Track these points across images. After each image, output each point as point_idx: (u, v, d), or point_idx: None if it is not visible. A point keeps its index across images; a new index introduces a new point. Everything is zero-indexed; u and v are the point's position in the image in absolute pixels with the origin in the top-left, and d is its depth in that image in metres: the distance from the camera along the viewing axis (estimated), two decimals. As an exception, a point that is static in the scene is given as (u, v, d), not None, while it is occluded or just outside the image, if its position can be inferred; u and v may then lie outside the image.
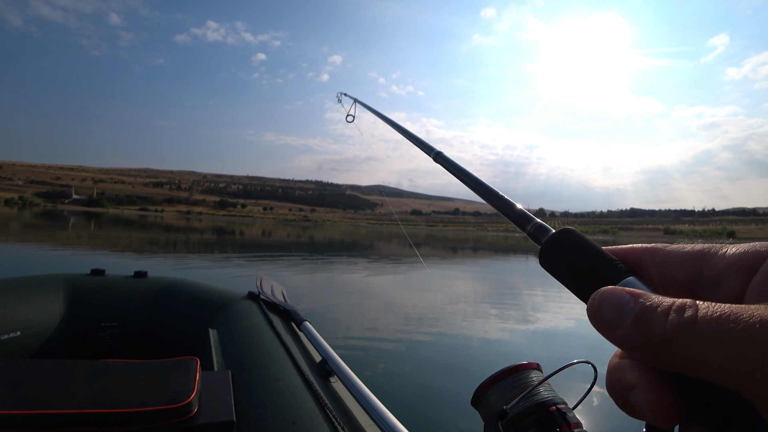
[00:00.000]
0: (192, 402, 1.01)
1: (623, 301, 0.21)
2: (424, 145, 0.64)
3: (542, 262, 0.29)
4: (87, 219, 40.84)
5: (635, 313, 0.21)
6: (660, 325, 0.20)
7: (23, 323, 1.68)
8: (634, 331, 0.20)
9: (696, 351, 0.18)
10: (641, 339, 0.20)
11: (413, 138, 0.69)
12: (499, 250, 26.35)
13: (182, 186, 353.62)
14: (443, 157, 0.57)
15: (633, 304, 0.21)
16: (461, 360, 3.90)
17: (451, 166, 0.52)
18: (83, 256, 10.20)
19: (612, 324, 0.21)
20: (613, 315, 0.21)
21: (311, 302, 5.94)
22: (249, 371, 1.25)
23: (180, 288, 2.03)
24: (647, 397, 0.20)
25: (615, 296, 0.22)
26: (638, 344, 0.20)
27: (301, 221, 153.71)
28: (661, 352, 0.19)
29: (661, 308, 0.20)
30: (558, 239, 0.29)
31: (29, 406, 0.92)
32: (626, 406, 0.22)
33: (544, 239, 0.30)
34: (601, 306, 0.22)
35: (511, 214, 0.37)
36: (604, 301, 0.22)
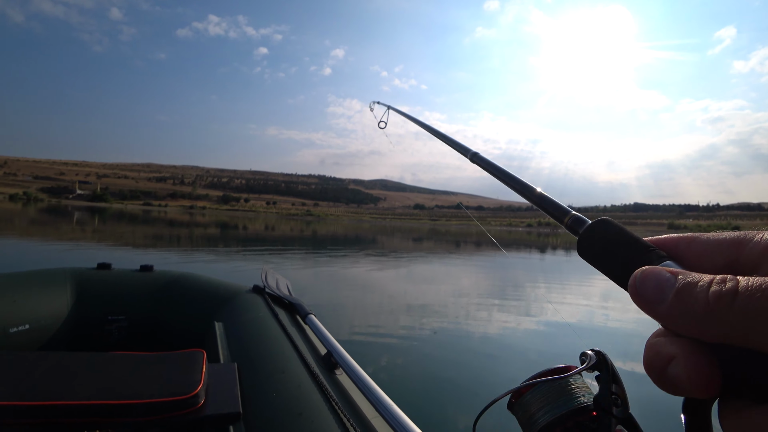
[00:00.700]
0: (199, 394, 1.02)
1: (664, 277, 0.23)
2: (460, 146, 0.65)
3: (580, 252, 0.31)
4: (91, 214, 41.05)
5: (677, 287, 0.22)
6: (702, 296, 0.20)
7: (32, 316, 1.69)
8: (677, 305, 0.21)
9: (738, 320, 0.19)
10: (684, 311, 0.21)
11: (449, 140, 0.71)
12: (502, 245, 26.32)
13: (185, 181, 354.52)
14: (480, 157, 0.58)
15: (674, 280, 0.22)
16: (465, 352, 3.91)
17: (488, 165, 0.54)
18: (89, 251, 10.26)
19: (654, 299, 0.22)
20: (655, 291, 0.22)
21: (316, 296, 5.96)
22: (255, 364, 1.26)
23: (186, 281, 2.05)
24: (687, 367, 0.21)
25: (656, 273, 0.23)
26: (681, 317, 0.21)
27: (304, 216, 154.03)
28: (703, 323, 0.20)
29: (703, 282, 0.21)
30: (595, 229, 0.30)
31: (38, 398, 0.93)
32: (665, 380, 0.22)
33: (582, 230, 0.32)
34: (643, 283, 0.23)
35: (549, 208, 0.39)
36: (645, 279, 0.23)
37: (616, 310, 6.37)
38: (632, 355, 4.10)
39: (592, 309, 6.33)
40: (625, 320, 5.72)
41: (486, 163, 0.55)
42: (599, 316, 5.89)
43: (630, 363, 3.83)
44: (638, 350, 4.47)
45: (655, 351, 0.23)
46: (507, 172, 0.49)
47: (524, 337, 4.59)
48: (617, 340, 4.73)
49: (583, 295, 7.62)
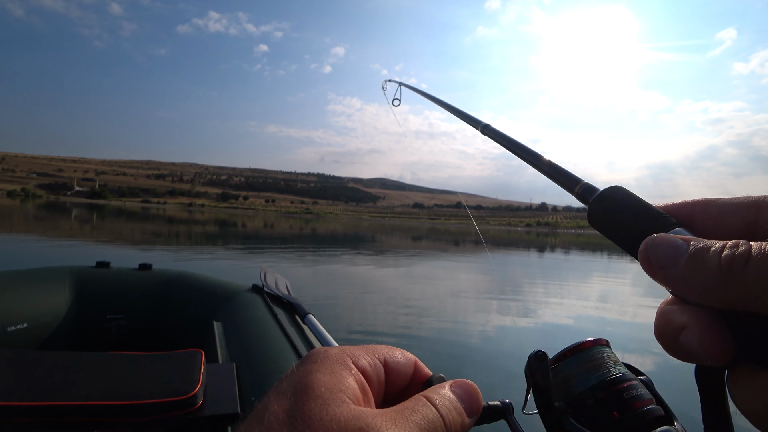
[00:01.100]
0: (197, 394, 1.02)
1: (676, 244, 0.22)
2: (472, 119, 0.66)
3: (591, 221, 0.30)
4: (90, 211, 40.98)
5: (689, 253, 0.21)
6: (714, 261, 0.20)
7: (30, 315, 1.69)
8: (689, 270, 0.21)
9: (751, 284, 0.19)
10: (696, 276, 0.21)
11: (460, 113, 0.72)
12: (501, 244, 26.34)
13: (184, 178, 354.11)
14: (491, 129, 0.58)
15: (686, 246, 0.22)
16: (464, 352, 3.92)
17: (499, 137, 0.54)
18: (88, 248, 10.24)
19: (665, 265, 0.22)
20: (666, 257, 0.22)
21: (315, 295, 5.96)
22: (253, 363, 1.26)
23: (185, 280, 2.04)
24: (698, 334, 0.21)
25: (667, 240, 0.23)
26: (693, 282, 0.21)
27: (303, 214, 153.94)
28: (716, 289, 0.20)
29: (715, 247, 0.21)
30: (606, 197, 0.30)
31: (36, 398, 0.93)
32: (676, 348, 0.22)
33: (592, 198, 0.31)
34: (654, 249, 0.23)
35: (559, 177, 0.38)
36: (656, 246, 0.23)
37: (614, 308, 6.39)
38: (631, 349, 4.11)
39: (590, 306, 6.34)
40: (623, 318, 5.74)
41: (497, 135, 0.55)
42: (597, 312, 5.90)
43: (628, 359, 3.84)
44: (637, 347, 4.46)
45: (667, 319, 0.23)
46: (518, 143, 0.49)
47: (521, 336, 4.60)
48: (616, 339, 4.74)
49: (581, 294, 7.63)
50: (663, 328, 0.23)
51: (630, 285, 9.74)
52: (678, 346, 0.22)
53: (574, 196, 0.35)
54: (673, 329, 0.22)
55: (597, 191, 0.31)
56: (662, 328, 0.23)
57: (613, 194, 0.29)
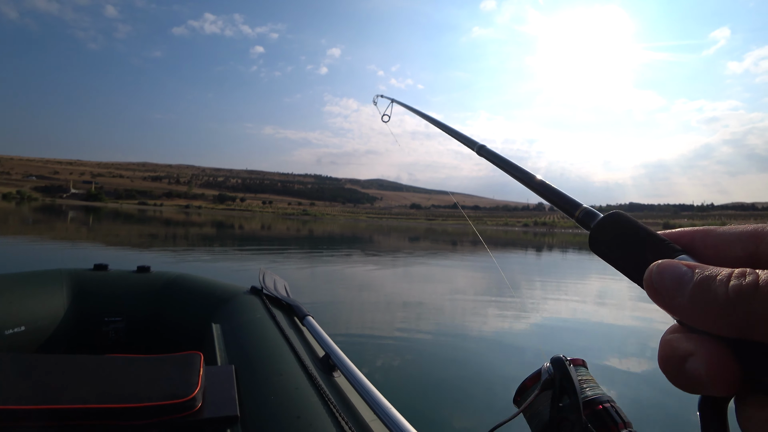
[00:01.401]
0: (196, 397, 1.02)
1: (681, 271, 0.22)
2: (467, 139, 0.65)
3: (592, 246, 0.30)
4: (86, 213, 40.81)
5: (696, 280, 0.21)
6: (722, 290, 0.20)
7: (28, 318, 1.68)
8: (695, 298, 0.21)
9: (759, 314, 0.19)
10: (703, 305, 0.20)
11: (455, 133, 0.70)
12: (498, 244, 26.37)
13: (181, 180, 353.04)
14: (487, 150, 0.57)
15: (692, 273, 0.21)
16: (463, 354, 3.92)
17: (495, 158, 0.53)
18: (85, 251, 10.20)
19: (671, 293, 0.22)
20: (672, 284, 0.22)
21: (314, 297, 5.95)
22: (252, 366, 1.26)
23: (183, 283, 2.04)
24: (705, 362, 0.20)
25: (673, 267, 0.22)
26: (699, 311, 0.20)
27: (301, 215, 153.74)
28: (723, 317, 0.20)
29: (722, 275, 0.20)
30: (607, 223, 0.29)
31: (34, 401, 0.93)
32: (682, 377, 0.21)
33: (593, 224, 0.30)
34: (659, 276, 0.22)
35: (559, 202, 0.38)
36: (662, 273, 0.22)
37: (611, 309, 6.41)
38: (627, 353, 4.12)
39: (588, 308, 6.36)
40: (620, 319, 5.76)
41: (494, 156, 0.54)
42: (595, 314, 5.92)
43: (625, 361, 3.85)
44: (633, 350, 4.47)
45: (672, 347, 0.22)
46: (516, 166, 0.48)
47: (520, 337, 4.61)
48: (614, 339, 4.76)
49: (579, 294, 7.65)
50: (668, 357, 0.22)
51: (627, 284, 9.77)
52: (683, 375, 0.21)
53: (575, 221, 0.34)
54: (678, 357, 0.21)
55: (598, 216, 0.31)
56: (667, 357, 0.22)
57: (614, 220, 0.29)
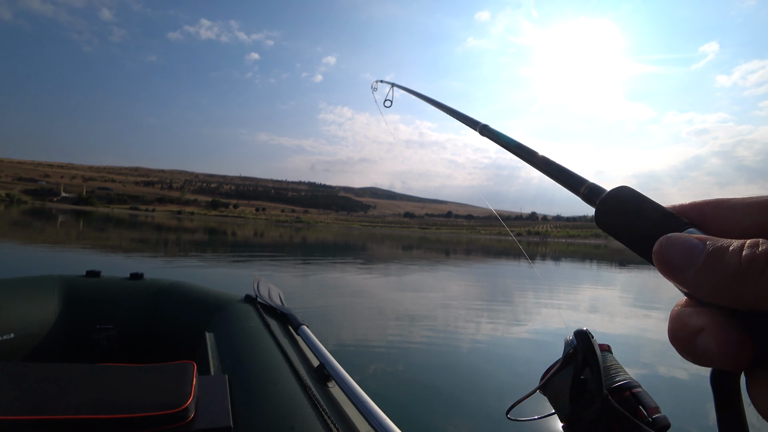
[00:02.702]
0: (188, 407, 1.01)
1: (692, 243, 0.21)
2: (469, 119, 0.64)
3: (598, 222, 0.29)
4: (77, 217, 40.35)
5: (707, 252, 0.21)
6: (734, 261, 0.19)
7: (17, 325, 1.65)
8: (707, 270, 0.20)
9: None
10: (714, 277, 0.20)
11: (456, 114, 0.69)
12: (492, 253, 26.45)
13: (174, 185, 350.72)
14: (489, 129, 0.57)
15: (702, 245, 0.21)
16: (456, 362, 3.91)
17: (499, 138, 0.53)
18: (77, 257, 10.06)
19: (682, 265, 0.21)
20: (683, 256, 0.21)
21: (308, 305, 5.92)
22: (246, 375, 1.25)
23: (176, 290, 2.02)
24: (716, 337, 0.20)
25: (682, 239, 0.22)
26: (710, 283, 0.20)
27: (294, 222, 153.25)
28: (735, 289, 0.19)
29: (734, 246, 0.20)
30: (613, 198, 0.29)
31: (23, 411, 0.91)
32: (692, 351, 0.21)
33: (599, 200, 0.30)
34: (669, 249, 0.22)
35: (563, 178, 0.37)
36: (671, 245, 0.22)
37: (605, 317, 6.43)
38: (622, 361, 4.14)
39: (580, 315, 6.38)
40: (615, 328, 5.78)
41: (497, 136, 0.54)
42: (588, 322, 5.93)
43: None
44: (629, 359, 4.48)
45: (682, 322, 0.22)
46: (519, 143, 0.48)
47: (513, 345, 4.61)
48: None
49: (572, 302, 7.68)
50: (678, 331, 0.22)
51: (620, 292, 9.83)
52: (694, 350, 0.21)
53: (580, 197, 0.34)
54: (689, 332, 0.21)
55: (603, 192, 0.30)
56: (677, 331, 0.22)
57: (620, 194, 0.28)
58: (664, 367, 4.09)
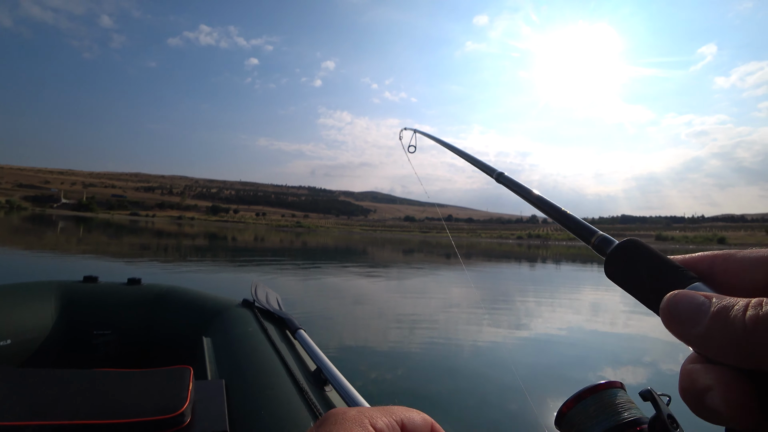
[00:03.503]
0: (185, 412, 1.01)
1: (698, 301, 0.22)
2: (487, 167, 0.67)
3: (608, 273, 0.30)
4: (77, 224, 40.36)
5: (713, 311, 0.21)
6: (739, 320, 0.19)
7: (14, 331, 1.65)
8: (713, 329, 0.20)
9: None
10: (720, 336, 0.20)
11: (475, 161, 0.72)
12: (493, 257, 26.43)
13: (174, 191, 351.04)
14: (506, 177, 0.59)
15: (708, 303, 0.21)
16: (456, 366, 3.90)
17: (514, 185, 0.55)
18: (75, 262, 10.06)
19: (688, 324, 0.21)
20: (690, 315, 0.22)
21: (306, 309, 5.91)
22: (243, 380, 1.24)
23: (174, 295, 2.02)
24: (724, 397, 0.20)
25: (689, 297, 0.22)
26: (717, 341, 0.20)
27: (294, 227, 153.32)
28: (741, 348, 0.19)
29: (738, 305, 0.20)
30: (623, 250, 0.30)
31: (21, 417, 0.91)
32: (702, 410, 0.21)
33: (609, 250, 0.31)
34: (675, 307, 0.22)
35: (575, 228, 0.38)
36: (678, 303, 0.22)
37: (604, 320, 6.42)
38: (621, 362, 4.13)
39: (581, 318, 6.37)
40: (614, 329, 5.77)
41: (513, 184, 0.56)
42: (588, 324, 5.93)
43: (621, 371, 3.85)
44: (628, 360, 4.47)
45: (691, 379, 0.22)
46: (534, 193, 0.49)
47: (514, 348, 4.60)
48: (607, 350, 4.76)
49: (572, 306, 7.66)
50: (688, 389, 0.22)
51: (621, 294, 9.81)
52: (704, 408, 0.21)
53: (591, 247, 0.35)
54: (698, 390, 0.21)
55: (613, 243, 0.31)
56: (687, 389, 0.22)
57: (629, 247, 0.29)
58: (665, 367, 4.08)
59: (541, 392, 3.31)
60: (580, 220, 0.38)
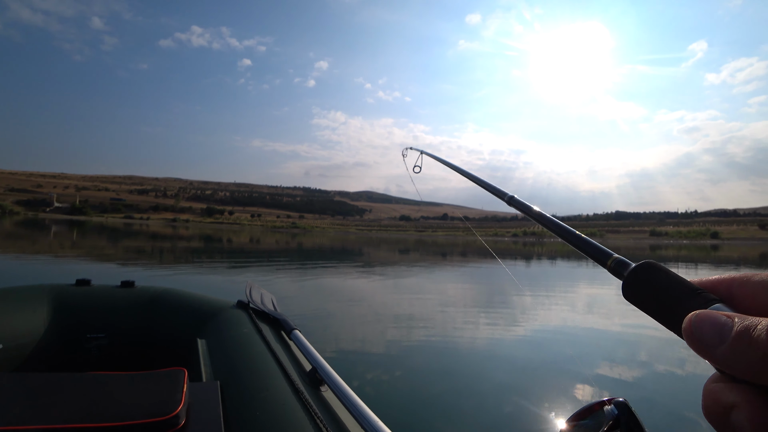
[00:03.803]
0: (179, 414, 1.00)
1: (721, 321, 0.22)
2: (497, 190, 0.68)
3: (626, 295, 0.30)
4: (70, 227, 40.03)
5: (736, 330, 0.21)
6: (763, 339, 0.20)
7: (6, 336, 1.64)
8: (737, 348, 0.21)
9: None
10: (744, 354, 0.20)
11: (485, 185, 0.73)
12: (488, 255, 26.48)
13: (168, 193, 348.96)
14: (517, 200, 0.61)
15: (731, 323, 0.22)
16: (454, 366, 3.90)
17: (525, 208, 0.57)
18: (68, 266, 9.99)
19: (712, 343, 0.22)
20: (713, 334, 0.22)
21: (301, 310, 5.90)
22: (238, 382, 1.24)
23: (168, 297, 2.01)
24: (749, 415, 0.20)
25: (711, 317, 0.23)
26: (741, 360, 0.21)
27: (290, 228, 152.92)
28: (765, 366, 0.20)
29: (762, 324, 0.20)
30: (641, 272, 0.30)
31: (14, 421, 0.90)
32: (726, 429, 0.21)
33: (626, 272, 0.31)
34: (698, 327, 0.23)
35: (590, 251, 0.38)
36: (701, 323, 0.23)
37: (601, 316, 6.46)
38: (617, 360, 4.15)
39: (577, 316, 6.40)
40: (610, 326, 5.80)
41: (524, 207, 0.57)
42: (585, 322, 5.96)
43: (617, 368, 3.88)
44: (624, 357, 4.49)
45: (714, 398, 0.22)
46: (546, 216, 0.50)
47: (511, 347, 4.61)
48: (604, 346, 4.78)
49: (569, 303, 7.70)
50: (711, 407, 0.22)
51: (616, 290, 9.87)
52: (728, 427, 0.21)
53: (607, 270, 0.35)
54: (721, 408, 0.22)
55: (630, 266, 0.32)
56: (710, 407, 0.22)
57: (647, 269, 0.30)
58: (661, 365, 4.11)
59: (540, 392, 3.32)
60: (596, 243, 0.38)
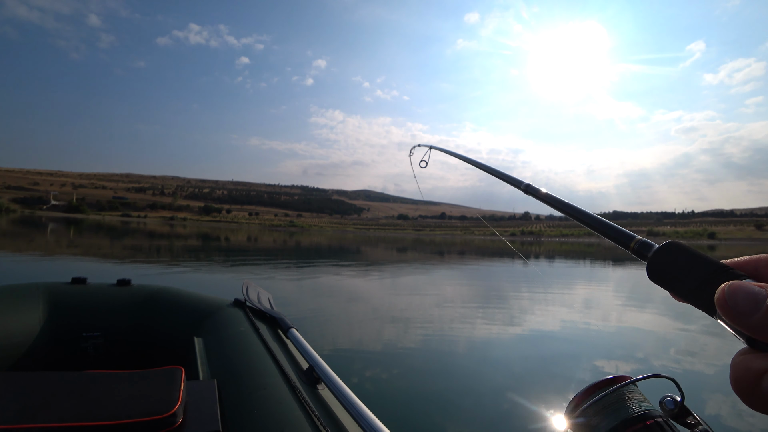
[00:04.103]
0: (176, 412, 1.00)
1: (755, 290, 0.22)
2: (513, 179, 0.66)
3: (651, 276, 0.31)
4: (66, 225, 39.88)
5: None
6: None
7: (1, 334, 1.63)
8: None
9: None
10: None
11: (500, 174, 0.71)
12: (486, 254, 26.54)
13: (165, 191, 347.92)
14: (533, 188, 0.59)
15: (764, 293, 0.22)
16: (451, 365, 3.91)
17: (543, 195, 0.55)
18: (63, 264, 9.96)
19: (747, 311, 0.22)
20: (747, 302, 0.22)
21: (298, 309, 5.90)
22: (235, 380, 1.24)
23: (165, 296, 2.00)
24: None
25: (745, 286, 0.23)
26: None
27: (288, 227, 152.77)
28: None
29: None
30: (665, 252, 0.30)
31: (10, 420, 0.90)
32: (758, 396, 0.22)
33: (650, 254, 0.31)
34: (732, 296, 0.23)
35: (612, 234, 0.38)
36: (735, 292, 0.23)
37: (597, 316, 6.48)
38: (615, 357, 4.16)
39: (574, 315, 6.42)
40: (607, 326, 5.82)
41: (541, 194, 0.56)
42: (582, 321, 5.98)
43: (614, 362, 3.89)
44: (621, 355, 4.51)
45: (744, 367, 0.22)
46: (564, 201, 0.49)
47: (509, 345, 4.62)
48: (601, 345, 4.80)
49: (566, 302, 7.72)
50: (741, 377, 0.22)
51: (614, 288, 9.91)
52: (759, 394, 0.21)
53: (630, 252, 0.35)
54: (753, 376, 0.22)
55: (653, 247, 0.32)
56: (741, 377, 0.23)
57: (671, 249, 0.30)
58: (659, 361, 4.13)
59: (539, 390, 3.33)
60: (617, 226, 0.38)
